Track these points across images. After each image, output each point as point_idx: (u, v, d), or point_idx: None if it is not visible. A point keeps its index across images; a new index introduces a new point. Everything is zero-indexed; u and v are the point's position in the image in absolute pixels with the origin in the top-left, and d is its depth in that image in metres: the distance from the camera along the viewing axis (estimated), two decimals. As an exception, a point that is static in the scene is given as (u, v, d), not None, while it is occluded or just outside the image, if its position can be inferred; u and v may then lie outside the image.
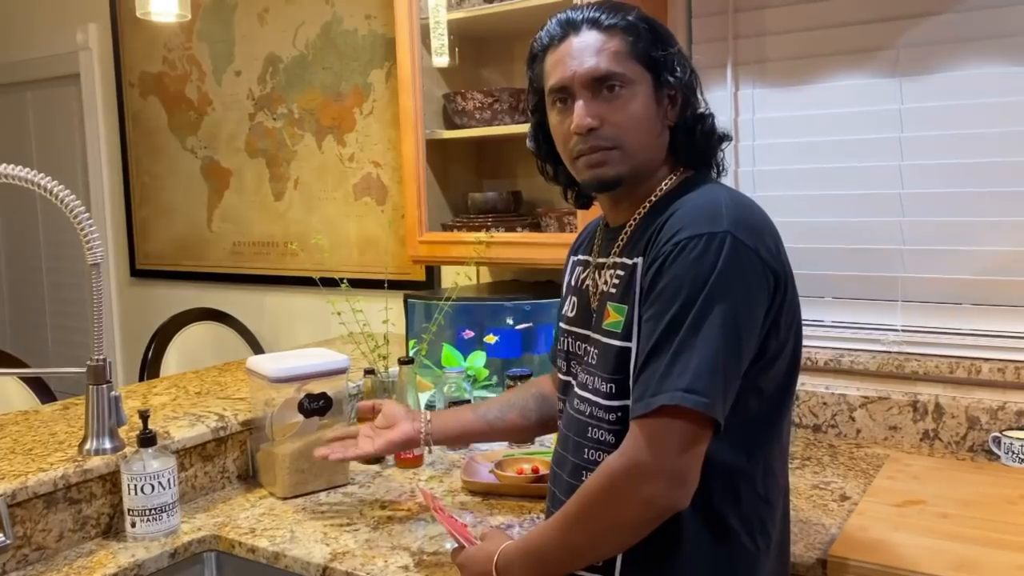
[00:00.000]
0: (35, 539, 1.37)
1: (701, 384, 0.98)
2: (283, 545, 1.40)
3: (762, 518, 1.11)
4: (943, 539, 1.33)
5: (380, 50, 2.58)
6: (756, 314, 1.04)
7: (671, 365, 0.99)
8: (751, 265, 1.02)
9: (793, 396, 1.15)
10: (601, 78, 1.09)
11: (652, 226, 1.09)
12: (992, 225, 1.79)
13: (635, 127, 1.11)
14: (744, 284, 1.02)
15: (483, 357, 2.04)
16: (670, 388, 0.98)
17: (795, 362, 1.13)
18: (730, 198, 1.08)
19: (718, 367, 0.99)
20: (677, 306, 1.01)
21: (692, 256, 1.01)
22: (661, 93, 1.12)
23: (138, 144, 3.25)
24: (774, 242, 1.08)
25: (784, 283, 1.07)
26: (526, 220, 2.18)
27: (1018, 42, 1.73)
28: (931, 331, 1.86)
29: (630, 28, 1.10)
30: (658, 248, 1.05)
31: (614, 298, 1.12)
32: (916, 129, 1.85)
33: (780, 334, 1.08)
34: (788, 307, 1.09)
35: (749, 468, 1.09)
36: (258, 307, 2.98)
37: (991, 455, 1.73)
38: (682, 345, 0.99)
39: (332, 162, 2.74)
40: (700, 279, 1.00)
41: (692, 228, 1.03)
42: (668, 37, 1.13)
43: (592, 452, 1.13)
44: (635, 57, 1.10)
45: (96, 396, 1.39)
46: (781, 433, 1.15)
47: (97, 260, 1.29)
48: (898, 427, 1.84)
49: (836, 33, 1.90)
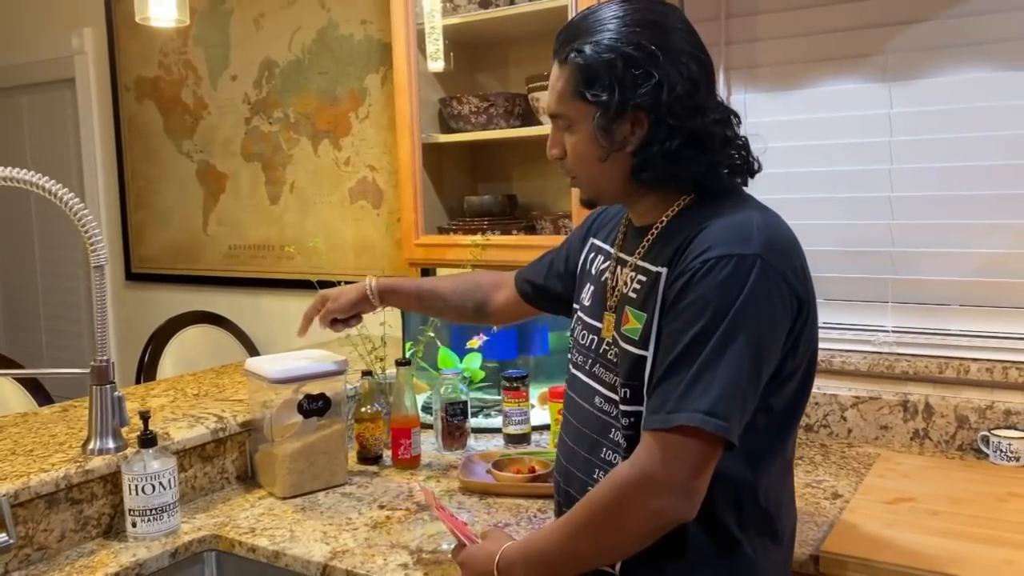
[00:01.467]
0: (37, 539, 1.38)
1: (721, 407, 0.99)
2: (283, 544, 1.42)
3: (763, 529, 1.13)
4: (933, 535, 1.36)
5: (376, 55, 2.60)
6: (778, 338, 1.05)
7: (693, 384, 1.01)
8: (778, 289, 1.04)
9: (801, 413, 1.17)
10: (553, 115, 1.17)
11: (680, 236, 1.09)
12: (980, 227, 1.82)
13: (578, 161, 1.16)
14: (770, 309, 1.03)
15: (479, 359, 2.05)
16: (690, 408, 1.00)
17: (807, 382, 1.14)
18: (763, 219, 1.08)
19: (739, 391, 1.01)
20: (701, 324, 1.02)
21: (721, 277, 1.02)
22: (605, 126, 1.09)
23: (133, 148, 3.26)
24: (801, 265, 1.09)
25: (808, 307, 1.09)
26: (521, 223, 2.20)
27: (1002, 48, 1.77)
28: (921, 332, 1.89)
29: (571, 65, 1.10)
30: (686, 262, 1.05)
31: (635, 304, 1.13)
32: (905, 133, 1.88)
33: (797, 357, 1.09)
34: (808, 330, 1.10)
35: (753, 480, 1.11)
36: (253, 310, 2.99)
37: (980, 454, 1.76)
38: (705, 365, 1.00)
39: (328, 166, 2.76)
40: (727, 301, 1.01)
41: (722, 248, 1.03)
42: (607, 68, 1.07)
43: (609, 453, 1.16)
44: (573, 96, 1.12)
45: (100, 396, 1.41)
46: (786, 448, 1.16)
47: (101, 262, 1.30)
48: (889, 426, 1.86)
49: (826, 39, 1.94)
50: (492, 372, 2.10)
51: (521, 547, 1.12)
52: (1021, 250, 1.78)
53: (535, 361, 2.17)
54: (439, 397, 1.88)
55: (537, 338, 2.15)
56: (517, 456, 1.73)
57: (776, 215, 1.13)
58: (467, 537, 1.20)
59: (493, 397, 2.12)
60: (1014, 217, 1.79)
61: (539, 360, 2.18)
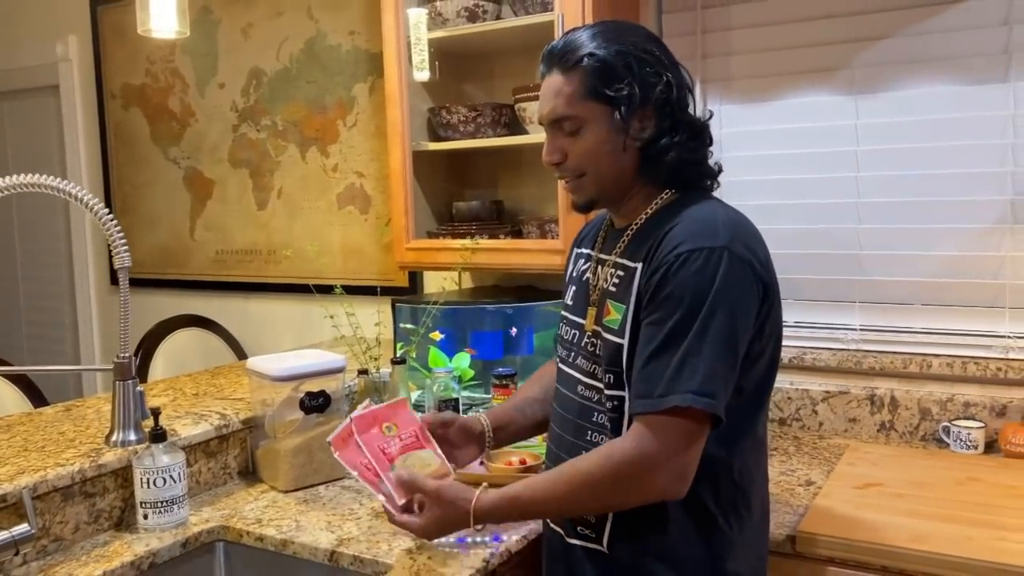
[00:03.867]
0: (53, 530, 1.44)
1: (709, 387, 1.09)
2: (290, 533, 1.49)
3: (737, 504, 1.22)
4: (899, 515, 1.47)
5: (364, 65, 2.68)
6: (750, 321, 1.15)
7: (680, 368, 1.10)
8: (746, 277, 1.14)
9: (769, 395, 1.27)
10: (559, 119, 1.23)
11: (653, 234, 1.19)
12: (941, 231, 1.94)
13: (592, 158, 1.23)
14: (741, 294, 1.13)
15: (467, 358, 2.13)
16: (681, 389, 1.09)
17: (773, 364, 1.24)
18: (726, 215, 1.19)
19: (721, 370, 1.11)
20: (681, 313, 1.11)
21: (694, 268, 1.12)
22: (623, 122, 1.20)
23: (119, 154, 3.30)
24: (765, 255, 1.19)
25: (772, 293, 1.19)
26: (508, 228, 2.29)
27: (962, 63, 1.89)
28: (886, 330, 2.01)
29: (585, 69, 1.20)
30: (660, 257, 1.15)
31: (615, 296, 1.23)
32: (871, 143, 1.99)
33: (763, 339, 1.19)
34: (773, 315, 1.20)
35: (727, 458, 1.20)
36: (241, 314, 3.04)
37: (942, 443, 1.87)
38: (689, 350, 1.10)
39: (316, 172, 2.82)
40: (702, 290, 1.11)
41: (693, 242, 1.13)
42: (626, 66, 1.18)
43: (594, 435, 1.26)
44: (589, 96, 1.20)
45: (122, 391, 1.47)
46: (757, 428, 1.26)
47: (125, 264, 1.37)
48: (857, 419, 1.98)
49: (796, 54, 2.05)
50: (480, 372, 2.18)
51: (503, 492, 1.22)
52: (977, 252, 1.91)
53: (521, 360, 2.25)
54: (432, 395, 1.95)
55: (523, 339, 2.24)
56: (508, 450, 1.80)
57: (739, 212, 1.23)
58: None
59: (482, 395, 2.20)
60: (971, 221, 1.91)
61: (525, 359, 2.27)
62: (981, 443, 1.81)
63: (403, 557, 1.37)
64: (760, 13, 2.08)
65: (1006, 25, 1.84)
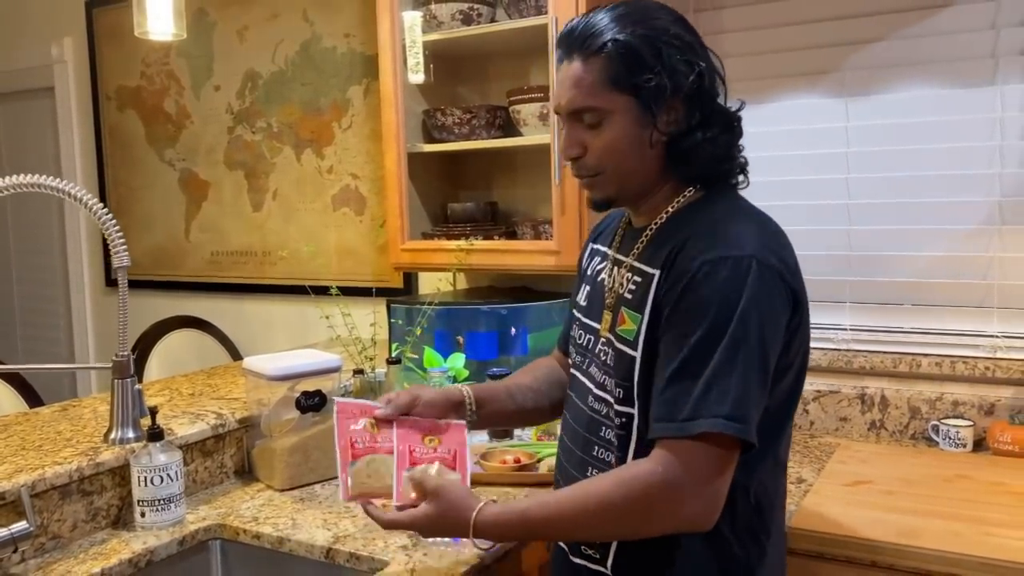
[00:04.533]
0: (51, 528, 1.45)
1: (740, 411, 1.00)
2: (286, 531, 1.50)
3: (754, 529, 1.13)
4: (888, 512, 1.49)
5: (359, 67, 2.69)
6: (780, 335, 1.06)
7: (707, 390, 1.00)
8: (776, 287, 1.05)
9: (794, 412, 1.16)
10: (578, 111, 1.12)
11: (674, 237, 1.09)
12: (930, 232, 1.97)
13: (614, 154, 1.12)
14: (771, 306, 1.04)
15: (462, 358, 2.15)
16: (710, 414, 0.99)
17: (799, 380, 1.14)
18: (751, 218, 1.10)
19: (752, 390, 1.01)
20: (706, 327, 1.01)
21: (720, 279, 1.02)
22: (648, 113, 1.09)
23: (114, 156, 3.31)
24: (794, 262, 1.10)
25: (802, 302, 1.10)
26: (502, 229, 2.30)
27: (950, 66, 1.92)
28: (876, 330, 2.03)
29: (608, 55, 1.08)
30: (682, 266, 1.06)
31: (630, 304, 1.13)
32: (861, 145, 2.02)
33: (790, 353, 1.09)
34: (801, 329, 1.10)
35: (745, 480, 1.09)
36: (236, 315, 3.05)
37: (931, 442, 1.90)
38: (719, 369, 1.00)
39: (311, 174, 2.84)
40: (730, 303, 1.01)
41: (718, 250, 1.04)
42: (654, 52, 1.07)
43: (601, 451, 1.17)
44: (612, 85, 1.09)
45: (121, 389, 1.48)
46: (779, 449, 1.16)
47: (124, 263, 1.39)
48: (848, 418, 2.00)
49: (788, 57, 2.07)
50: (475, 372, 2.19)
51: (512, 509, 1.11)
52: (966, 253, 1.93)
53: (515, 361, 2.27)
54: (427, 394, 1.96)
55: (517, 339, 2.26)
56: (503, 448, 1.82)
57: (765, 215, 1.14)
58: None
59: (476, 395, 2.21)
60: (958, 223, 1.94)
61: (519, 360, 2.28)
62: (970, 441, 1.83)
63: (399, 554, 1.39)
64: (752, 17, 2.11)
65: (993, 29, 1.87)
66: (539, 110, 2.12)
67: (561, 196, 2.01)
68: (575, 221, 2.01)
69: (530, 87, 2.16)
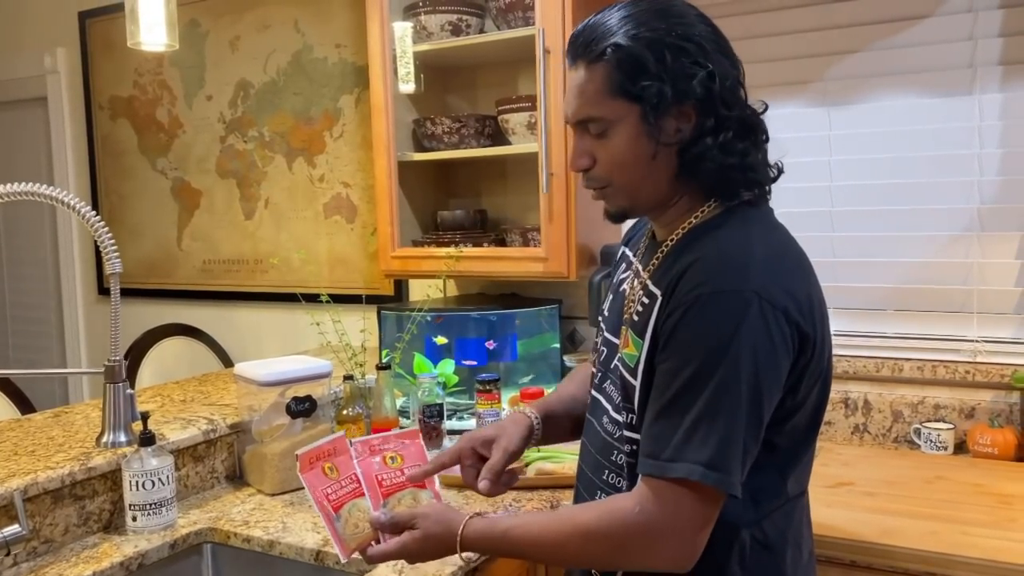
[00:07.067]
0: (43, 532, 1.46)
1: (721, 459, 0.94)
2: (276, 534, 1.52)
3: (764, 566, 1.06)
4: (870, 512, 1.52)
5: (350, 77, 2.72)
6: (780, 380, 0.99)
7: (690, 433, 0.95)
8: (777, 327, 0.96)
9: (811, 449, 1.10)
10: (583, 120, 1.07)
11: (680, 260, 1.03)
12: (911, 239, 2.00)
13: (621, 165, 1.07)
14: (769, 350, 0.96)
15: (451, 364, 2.17)
16: (689, 459, 0.94)
17: (817, 414, 1.07)
18: (764, 246, 1.02)
19: (738, 438, 0.95)
20: (695, 367, 0.95)
21: (714, 314, 0.96)
22: (655, 122, 1.03)
23: (107, 165, 3.33)
24: (806, 296, 1.01)
25: (812, 342, 1.00)
26: (491, 236, 2.33)
27: (930, 76, 1.96)
28: (859, 335, 2.06)
29: (609, 62, 1.03)
30: (681, 294, 0.99)
31: (636, 328, 1.07)
32: (843, 153, 2.06)
33: (799, 394, 1.02)
34: (814, 366, 1.02)
35: (755, 517, 1.04)
36: (228, 323, 3.07)
37: (913, 444, 1.93)
38: (703, 413, 0.95)
39: (302, 183, 2.86)
40: (722, 343, 0.94)
41: (717, 282, 0.97)
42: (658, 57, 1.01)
43: (611, 475, 1.13)
44: (615, 93, 1.03)
45: (113, 394, 1.50)
46: (791, 485, 1.08)
47: (116, 269, 1.41)
48: (832, 421, 2.03)
49: (771, 67, 2.11)
50: (464, 378, 2.22)
51: (496, 525, 1.08)
52: (947, 259, 1.97)
53: (504, 367, 2.29)
54: (416, 399, 1.99)
55: (506, 346, 2.28)
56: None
57: (784, 235, 1.08)
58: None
59: (466, 401, 2.23)
60: (940, 229, 1.97)
61: (508, 366, 2.31)
62: (951, 444, 1.86)
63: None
64: (735, 28, 2.14)
65: (971, 40, 1.91)
66: (527, 119, 2.15)
67: (549, 204, 2.04)
68: (563, 229, 2.04)
69: (518, 96, 2.19)
